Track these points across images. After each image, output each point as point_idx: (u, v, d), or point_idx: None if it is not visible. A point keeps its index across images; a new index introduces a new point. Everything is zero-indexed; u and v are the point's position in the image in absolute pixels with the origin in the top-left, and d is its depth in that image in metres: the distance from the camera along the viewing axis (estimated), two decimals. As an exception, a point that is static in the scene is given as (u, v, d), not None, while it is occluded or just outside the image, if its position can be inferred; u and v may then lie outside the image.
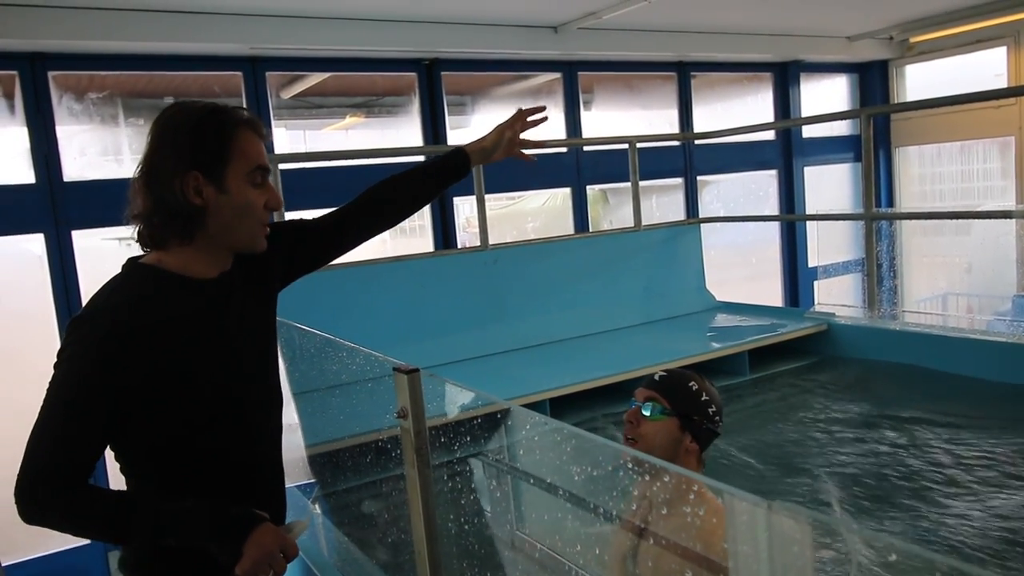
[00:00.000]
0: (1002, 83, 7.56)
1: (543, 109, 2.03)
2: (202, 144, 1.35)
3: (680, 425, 1.78)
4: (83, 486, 1.28)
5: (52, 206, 4.65)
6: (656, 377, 1.85)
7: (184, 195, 1.34)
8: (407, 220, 1.96)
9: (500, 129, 1.98)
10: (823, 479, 3.04)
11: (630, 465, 1.25)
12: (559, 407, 3.72)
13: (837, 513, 2.72)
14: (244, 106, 1.49)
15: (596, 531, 1.74)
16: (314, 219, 1.75)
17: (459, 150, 1.93)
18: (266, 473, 1.54)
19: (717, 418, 1.82)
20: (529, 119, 2.00)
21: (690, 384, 1.82)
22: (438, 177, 1.90)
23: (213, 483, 1.42)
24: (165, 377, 1.32)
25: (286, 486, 1.62)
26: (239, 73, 5.34)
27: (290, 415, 2.98)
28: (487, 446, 1.99)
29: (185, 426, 1.37)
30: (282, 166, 4.05)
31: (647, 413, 1.79)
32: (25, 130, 4.60)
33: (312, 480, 3.13)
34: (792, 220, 7.95)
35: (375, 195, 1.81)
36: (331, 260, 1.79)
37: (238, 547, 1.29)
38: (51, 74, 4.68)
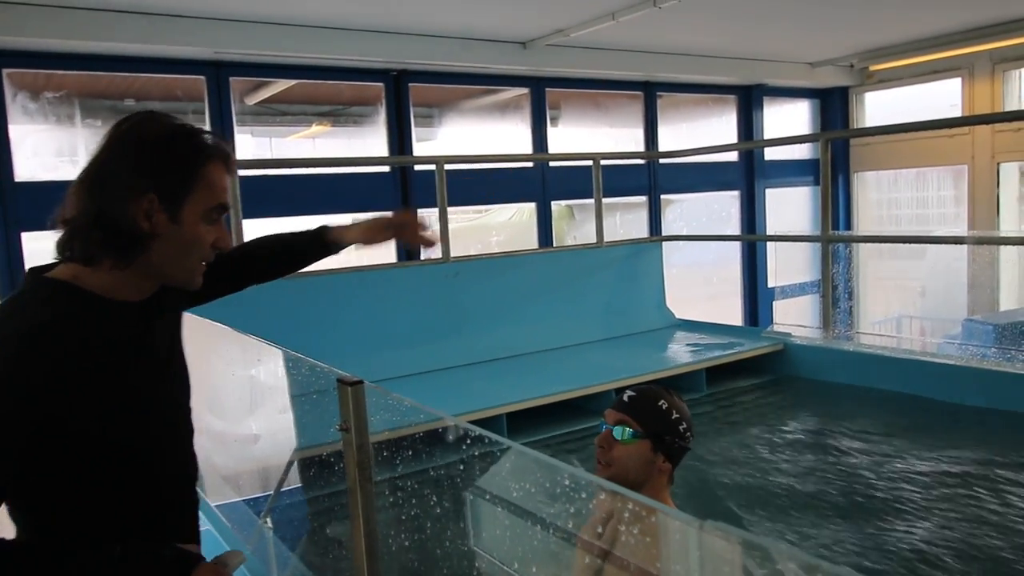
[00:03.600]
0: (957, 113, 7.79)
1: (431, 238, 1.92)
2: (168, 167, 1.22)
3: (652, 446, 1.75)
4: None
5: (2, 206, 4.53)
6: (625, 398, 1.82)
7: (132, 216, 1.20)
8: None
9: (379, 226, 1.83)
10: (767, 494, 3.07)
11: (567, 483, 1.23)
12: (516, 422, 3.71)
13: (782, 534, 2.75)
14: (210, 129, 1.38)
15: (554, 549, 1.71)
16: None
17: (322, 231, 1.81)
18: (179, 506, 1.42)
19: (688, 434, 1.80)
20: (420, 233, 1.86)
21: (660, 403, 1.79)
22: (300, 256, 1.83)
23: (121, 519, 1.28)
24: (81, 409, 1.16)
25: (236, 500, 1.54)
26: (202, 77, 5.28)
27: (249, 425, 2.91)
28: (435, 462, 1.97)
29: (103, 459, 1.22)
30: (246, 172, 3.99)
31: (619, 437, 1.75)
32: (-24, 128, 4.49)
33: (265, 493, 3.06)
34: (752, 240, 8.08)
35: (253, 252, 1.77)
36: (225, 295, 1.70)
37: None
38: (5, 71, 4.57)
